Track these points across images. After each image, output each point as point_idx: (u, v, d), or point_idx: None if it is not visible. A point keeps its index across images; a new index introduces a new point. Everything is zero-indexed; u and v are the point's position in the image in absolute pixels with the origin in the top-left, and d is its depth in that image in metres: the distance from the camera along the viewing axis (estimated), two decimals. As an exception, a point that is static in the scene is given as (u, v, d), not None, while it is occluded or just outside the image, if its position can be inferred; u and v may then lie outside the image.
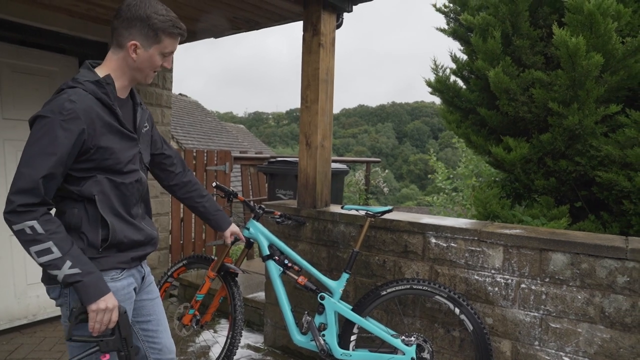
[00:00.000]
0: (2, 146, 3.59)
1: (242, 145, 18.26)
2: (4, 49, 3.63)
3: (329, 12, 3.15)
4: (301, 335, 2.76)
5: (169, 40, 1.61)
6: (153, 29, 1.56)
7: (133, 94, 1.74)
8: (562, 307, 2.32)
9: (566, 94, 3.32)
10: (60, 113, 1.44)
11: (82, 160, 1.52)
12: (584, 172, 3.52)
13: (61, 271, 1.43)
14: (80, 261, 1.47)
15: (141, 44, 1.57)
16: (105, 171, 1.57)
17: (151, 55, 1.60)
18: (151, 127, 1.87)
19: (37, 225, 1.42)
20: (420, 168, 47.34)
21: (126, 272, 1.67)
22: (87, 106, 1.49)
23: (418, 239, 2.74)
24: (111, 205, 1.59)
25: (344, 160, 6.51)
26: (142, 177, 1.71)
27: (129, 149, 1.63)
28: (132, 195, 1.66)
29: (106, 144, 1.54)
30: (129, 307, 1.68)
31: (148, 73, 1.65)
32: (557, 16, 3.56)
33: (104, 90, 1.55)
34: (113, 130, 1.57)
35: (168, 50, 1.63)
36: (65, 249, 1.45)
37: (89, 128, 1.48)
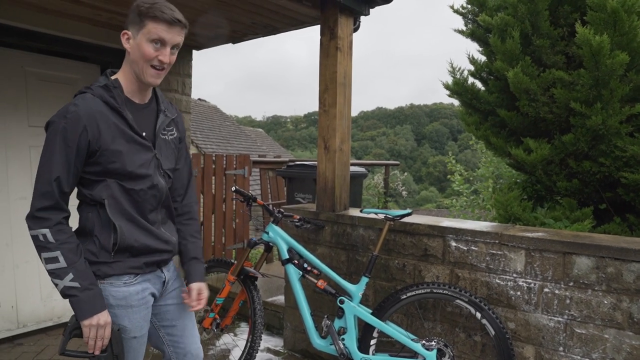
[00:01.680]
0: (28, 152, 3.68)
1: (260, 149, 18.37)
2: (31, 59, 3.73)
3: (346, 16, 3.15)
4: (321, 339, 2.76)
5: (152, 24, 1.52)
6: (138, 14, 1.53)
7: (158, 100, 1.74)
8: (588, 312, 2.27)
9: (589, 94, 3.25)
10: (64, 117, 1.49)
11: (91, 162, 1.54)
12: (608, 173, 3.44)
13: (62, 282, 1.47)
14: (82, 276, 1.49)
15: (131, 33, 1.55)
16: (114, 175, 1.56)
17: (139, 44, 1.53)
18: (180, 137, 1.83)
19: (49, 234, 1.46)
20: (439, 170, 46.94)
21: (140, 277, 1.66)
22: (91, 109, 1.51)
23: (438, 243, 2.72)
24: (122, 210, 1.59)
25: (362, 164, 6.50)
26: (159, 183, 1.67)
27: (140, 153, 1.61)
28: (146, 201, 1.64)
29: (113, 147, 1.54)
30: (143, 312, 1.67)
31: (143, 66, 1.55)
32: (579, 14, 3.50)
33: (111, 93, 1.56)
34: (120, 133, 1.56)
35: (154, 36, 1.52)
36: (70, 260, 1.48)
37: (91, 130, 1.49)
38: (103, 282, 1.59)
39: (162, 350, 1.87)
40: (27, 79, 3.70)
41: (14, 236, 3.57)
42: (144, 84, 1.61)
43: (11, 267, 3.56)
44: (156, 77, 1.59)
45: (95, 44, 3.94)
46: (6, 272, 3.54)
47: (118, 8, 3.35)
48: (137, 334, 1.67)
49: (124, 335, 1.64)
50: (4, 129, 3.55)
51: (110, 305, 1.60)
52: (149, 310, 1.71)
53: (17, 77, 3.64)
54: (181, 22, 1.57)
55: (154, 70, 1.58)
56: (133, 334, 1.65)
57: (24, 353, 3.37)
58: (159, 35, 1.53)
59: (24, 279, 3.63)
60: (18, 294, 3.60)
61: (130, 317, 1.63)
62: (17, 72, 3.64)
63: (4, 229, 3.54)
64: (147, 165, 1.62)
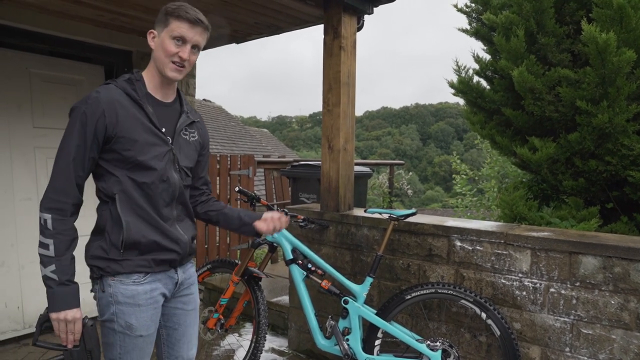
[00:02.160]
0: (32, 153, 3.69)
1: (266, 149, 18.38)
2: (35, 60, 3.74)
3: (349, 15, 3.14)
4: (325, 339, 2.75)
5: (176, 22, 1.62)
6: (164, 14, 1.64)
7: (181, 102, 1.82)
8: (594, 312, 2.24)
9: (595, 92, 3.22)
10: (85, 102, 1.57)
11: (107, 149, 1.60)
12: (615, 172, 3.41)
13: (44, 270, 1.53)
14: (63, 270, 1.54)
15: (157, 32, 1.67)
16: (127, 164, 1.61)
17: (162, 40, 1.64)
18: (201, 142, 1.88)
19: (50, 220, 1.53)
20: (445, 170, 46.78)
21: (150, 276, 1.68)
22: (112, 97, 1.59)
23: (443, 242, 2.70)
24: (133, 205, 1.63)
25: (367, 163, 6.48)
26: (172, 178, 1.70)
27: (155, 145, 1.65)
28: (158, 195, 1.66)
29: (128, 135, 1.59)
30: (151, 312, 1.68)
31: (164, 61, 1.64)
32: (585, 12, 3.46)
33: (133, 86, 1.65)
34: (139, 123, 1.62)
35: (176, 33, 1.62)
36: (59, 252, 1.53)
37: (110, 115, 1.56)
38: (113, 279, 1.63)
39: (157, 346, 1.89)
40: (31, 80, 3.71)
41: (19, 237, 3.59)
42: (166, 79, 1.69)
43: (17, 267, 3.58)
44: (176, 72, 1.67)
45: (98, 45, 3.95)
46: (12, 272, 3.55)
47: (120, 9, 3.36)
48: (144, 333, 1.68)
49: (130, 333, 1.66)
50: (8, 131, 3.56)
51: (119, 302, 1.64)
52: (158, 310, 1.73)
53: (21, 78, 3.65)
54: (203, 23, 1.68)
55: (173, 65, 1.66)
56: (139, 332, 1.67)
57: (30, 353, 3.38)
58: (180, 33, 1.63)
59: (30, 279, 3.64)
60: (24, 294, 3.61)
61: (137, 315, 1.65)
62: (21, 74, 3.65)
63: (9, 230, 3.55)
64: (160, 157, 1.66)
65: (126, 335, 1.66)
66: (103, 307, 1.67)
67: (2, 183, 3.51)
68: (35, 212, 3.68)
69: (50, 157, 3.78)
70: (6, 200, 3.53)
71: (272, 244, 2.96)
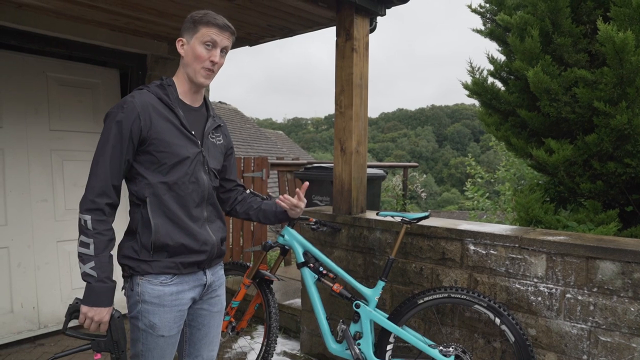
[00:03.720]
0: (49, 156, 3.75)
1: (280, 151, 18.42)
2: (52, 64, 3.80)
3: (361, 17, 3.12)
4: (336, 343, 2.73)
5: (205, 28, 1.70)
6: (192, 22, 1.72)
7: (208, 107, 1.89)
8: (613, 319, 2.18)
9: (613, 92, 3.15)
10: (121, 107, 1.64)
11: (141, 151, 1.66)
12: (634, 175, 3.33)
13: (84, 267, 1.58)
14: (102, 268, 1.60)
15: (186, 39, 1.74)
16: (160, 165, 1.67)
17: (193, 47, 1.71)
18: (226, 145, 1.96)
19: (90, 221, 1.58)
20: (461, 172, 46.37)
21: (177, 278, 1.73)
22: (145, 101, 1.66)
23: (456, 246, 2.66)
24: (164, 208, 1.68)
25: (380, 166, 6.44)
26: (202, 179, 1.76)
27: (187, 146, 1.72)
28: (188, 196, 1.72)
29: (162, 137, 1.66)
30: (175, 314, 1.73)
31: (195, 68, 1.72)
32: (602, 10, 3.39)
33: (165, 91, 1.73)
34: (171, 126, 1.69)
35: (207, 38, 1.70)
36: (98, 251, 1.59)
37: (144, 119, 1.63)
38: (142, 279, 1.70)
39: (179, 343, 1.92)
40: (48, 83, 3.77)
41: (35, 238, 3.64)
42: (196, 85, 1.77)
43: (32, 268, 3.63)
44: (207, 77, 1.75)
45: (113, 49, 4.00)
46: (28, 273, 3.61)
47: (134, 13, 3.39)
48: (165, 333, 1.73)
49: (152, 332, 1.71)
50: (26, 133, 3.62)
51: (145, 301, 1.70)
52: (182, 313, 1.77)
53: (39, 82, 3.71)
54: (231, 27, 1.76)
55: (205, 71, 1.73)
56: (161, 332, 1.72)
57: (45, 353, 3.42)
58: (211, 37, 1.71)
59: (45, 280, 3.70)
60: (39, 295, 3.66)
61: (161, 315, 1.71)
62: (39, 77, 3.72)
63: (26, 231, 3.60)
64: (192, 158, 1.73)
65: (149, 334, 1.72)
66: (131, 304, 1.74)
67: (19, 185, 3.57)
68: (51, 214, 3.74)
69: (66, 159, 3.84)
70: (23, 202, 3.59)
71: (284, 247, 2.95)
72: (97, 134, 4.04)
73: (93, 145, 4.36)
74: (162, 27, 3.79)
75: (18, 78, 3.59)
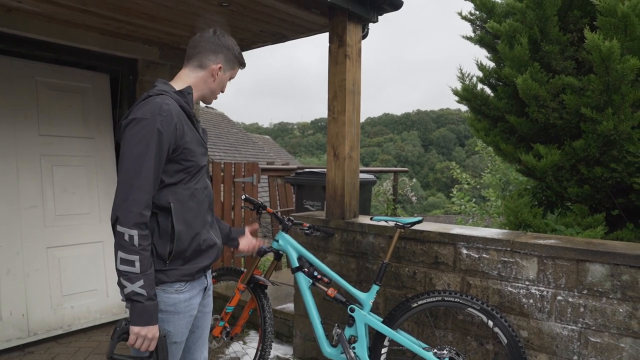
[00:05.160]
0: (38, 161, 3.71)
1: (268, 156, 18.39)
2: (41, 68, 3.77)
3: (354, 23, 3.16)
4: (331, 347, 2.74)
5: (239, 68, 1.91)
6: (234, 56, 1.85)
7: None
8: (602, 320, 2.24)
9: (600, 99, 3.23)
10: (159, 114, 1.57)
11: (171, 159, 1.63)
12: (620, 179, 3.41)
13: (132, 286, 1.51)
14: (151, 285, 1.55)
15: (223, 67, 1.83)
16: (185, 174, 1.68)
17: (224, 79, 1.85)
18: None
19: (137, 237, 1.51)
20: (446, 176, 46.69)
21: (189, 284, 1.73)
22: (177, 109, 1.66)
23: (449, 250, 2.69)
24: (186, 213, 1.68)
25: (371, 170, 6.48)
26: (209, 185, 1.84)
27: (203, 155, 1.78)
28: (203, 202, 1.77)
29: (190, 146, 1.68)
30: (188, 319, 1.75)
31: (215, 92, 1.86)
32: (589, 20, 3.48)
33: (186, 99, 1.73)
34: (194, 134, 1.73)
35: (234, 76, 1.91)
36: (144, 268, 1.53)
37: (179, 127, 1.64)
38: (157, 288, 1.65)
39: None
40: (37, 88, 3.74)
41: (24, 244, 3.59)
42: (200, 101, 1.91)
43: (22, 275, 3.58)
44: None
45: (104, 53, 3.98)
46: (17, 280, 3.56)
47: (126, 17, 3.39)
48: (178, 340, 1.74)
49: (166, 340, 1.70)
50: (14, 139, 3.58)
51: (160, 311, 1.65)
52: (192, 318, 1.79)
53: (28, 86, 3.68)
54: None
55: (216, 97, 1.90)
56: (175, 339, 1.73)
57: (34, 361, 3.37)
58: (234, 76, 1.92)
59: (35, 287, 3.65)
60: (29, 302, 3.61)
61: (175, 323, 1.71)
62: (28, 82, 3.68)
63: (15, 238, 3.55)
64: (206, 167, 1.81)
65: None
66: None
67: (8, 191, 3.53)
68: (40, 220, 3.69)
69: (56, 164, 3.80)
70: (12, 208, 3.54)
71: (278, 252, 2.96)
72: (87, 138, 4.02)
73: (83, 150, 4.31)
74: (153, 31, 3.78)
75: (6, 82, 3.56)
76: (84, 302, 3.92)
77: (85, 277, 3.93)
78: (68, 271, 3.83)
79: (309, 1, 3.04)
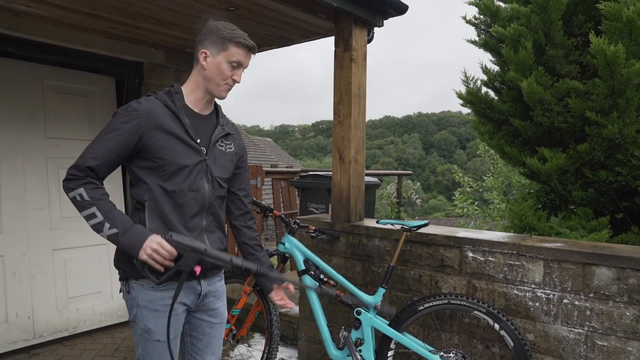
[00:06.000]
0: (44, 164, 3.72)
1: (270, 159, 18.42)
2: (48, 71, 3.79)
3: (360, 27, 3.17)
4: (337, 350, 2.75)
5: (235, 49, 1.72)
6: (221, 37, 1.72)
7: (218, 115, 1.89)
8: (609, 323, 2.24)
9: (604, 103, 3.24)
10: (126, 110, 1.66)
11: (141, 157, 1.67)
12: (625, 183, 3.42)
13: (104, 232, 1.59)
14: (117, 220, 1.60)
15: (210, 52, 1.73)
16: (159, 171, 1.67)
17: (219, 63, 1.72)
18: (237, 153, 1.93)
19: (84, 192, 1.59)
20: (448, 179, 46.64)
21: (170, 283, 1.69)
22: (151, 108, 1.67)
23: (455, 253, 2.70)
24: (161, 213, 1.68)
25: (375, 174, 6.50)
26: (203, 188, 1.75)
27: (188, 155, 1.71)
28: (187, 204, 1.71)
29: (163, 144, 1.66)
30: (165, 320, 1.69)
31: (219, 83, 1.74)
32: (593, 24, 3.49)
33: (172, 98, 1.73)
34: (174, 134, 1.69)
35: (235, 59, 1.73)
36: (104, 213, 1.59)
37: (147, 125, 1.64)
38: (136, 283, 1.70)
39: (182, 353, 1.93)
40: (44, 91, 3.76)
41: (30, 246, 3.61)
42: (211, 97, 1.80)
43: (28, 277, 3.59)
44: (227, 91, 1.79)
45: (110, 57, 4.00)
46: (23, 282, 3.57)
47: (133, 21, 3.40)
48: (161, 338, 1.72)
49: (148, 336, 1.71)
50: (21, 141, 3.60)
51: (139, 306, 1.71)
52: (177, 318, 1.75)
53: (35, 89, 3.70)
54: (255, 48, 1.79)
55: (226, 86, 1.77)
56: (157, 337, 1.72)
57: (40, 363, 3.39)
58: (238, 59, 1.74)
59: (40, 289, 3.66)
60: (34, 304, 3.62)
61: (155, 320, 1.71)
62: (35, 85, 3.70)
63: (21, 240, 3.57)
64: (192, 167, 1.72)
65: (145, 338, 1.73)
66: (129, 308, 1.75)
67: (14, 193, 3.54)
68: (46, 222, 3.70)
69: (62, 167, 3.82)
70: (18, 210, 3.55)
71: (284, 255, 2.97)
72: (93, 141, 4.04)
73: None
74: (160, 35, 3.81)
75: (14, 85, 3.58)
76: (89, 304, 3.93)
77: (91, 279, 3.94)
78: (73, 273, 3.85)
79: (315, 5, 3.05)
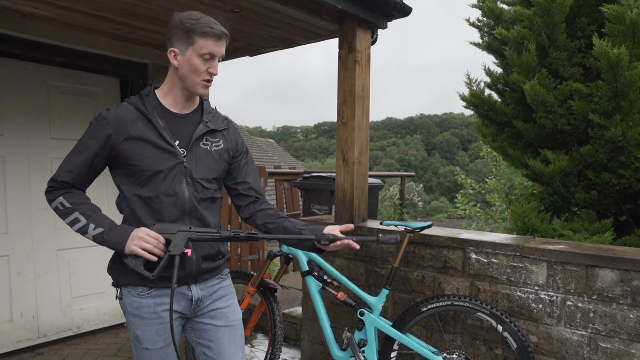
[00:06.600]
0: (50, 164, 3.75)
1: (272, 160, 18.45)
2: (53, 72, 3.81)
3: (364, 30, 3.19)
4: (341, 351, 2.75)
5: (202, 40, 1.59)
6: (185, 31, 1.59)
7: (202, 112, 1.78)
8: (613, 326, 2.25)
9: (608, 106, 3.24)
10: (97, 120, 1.65)
11: (117, 164, 1.67)
12: (628, 185, 3.42)
13: (89, 234, 1.60)
14: (102, 222, 1.61)
15: (179, 49, 1.62)
16: (134, 178, 1.64)
17: (189, 59, 1.61)
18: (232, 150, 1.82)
19: (64, 200, 1.61)
20: (450, 180, 46.62)
21: (155, 291, 1.66)
22: (121, 115, 1.64)
23: (458, 255, 2.71)
24: (138, 221, 1.63)
25: (378, 175, 6.51)
26: (181, 192, 1.65)
27: (162, 159, 1.63)
28: (165, 210, 1.63)
29: (135, 150, 1.62)
30: (157, 327, 1.67)
31: (194, 80, 1.64)
32: (597, 27, 3.50)
33: (143, 101, 1.68)
34: (145, 139, 1.63)
35: (205, 51, 1.60)
36: (87, 216, 1.61)
37: (117, 134, 1.61)
38: (125, 289, 1.69)
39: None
40: (49, 92, 3.78)
41: (35, 247, 3.63)
42: (193, 95, 1.73)
43: (33, 277, 3.61)
44: (206, 88, 1.69)
45: (114, 58, 4.02)
46: (28, 282, 3.59)
47: (138, 23, 3.42)
48: (150, 347, 1.68)
49: (138, 344, 1.70)
50: (27, 142, 3.63)
51: (128, 313, 1.70)
52: (165, 326, 1.67)
53: (40, 90, 3.73)
54: (226, 34, 1.67)
55: (205, 83, 1.67)
56: (145, 345, 1.69)
57: (45, 363, 3.40)
58: (209, 50, 1.61)
59: (45, 289, 3.68)
60: (39, 304, 3.65)
61: (142, 328, 1.68)
62: (41, 86, 3.73)
63: (26, 240, 3.59)
64: (167, 171, 1.64)
65: (136, 345, 1.72)
66: (123, 314, 1.74)
67: (20, 193, 3.56)
68: (51, 223, 3.73)
69: (67, 168, 3.85)
70: (24, 210, 3.58)
71: (288, 256, 2.98)
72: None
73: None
74: (164, 36, 3.81)
75: (20, 86, 3.60)
76: (93, 304, 3.95)
77: (95, 279, 3.95)
78: (78, 273, 3.87)
79: (320, 7, 3.07)
